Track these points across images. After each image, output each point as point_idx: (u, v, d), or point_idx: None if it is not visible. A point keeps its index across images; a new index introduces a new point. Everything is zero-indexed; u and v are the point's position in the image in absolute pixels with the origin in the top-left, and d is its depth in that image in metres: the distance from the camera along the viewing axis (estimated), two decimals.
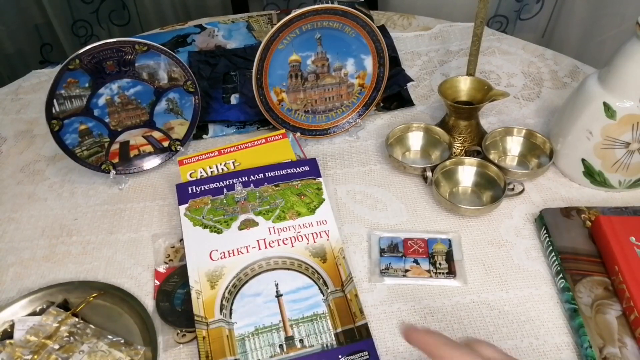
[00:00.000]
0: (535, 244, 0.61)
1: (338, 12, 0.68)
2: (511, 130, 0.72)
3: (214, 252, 0.57)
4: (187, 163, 0.67)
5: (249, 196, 0.60)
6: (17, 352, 0.51)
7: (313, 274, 0.55)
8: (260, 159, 0.68)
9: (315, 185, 0.61)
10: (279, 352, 0.50)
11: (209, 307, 0.53)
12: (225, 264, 0.56)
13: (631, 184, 0.65)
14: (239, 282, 0.55)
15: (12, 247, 0.65)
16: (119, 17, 1.48)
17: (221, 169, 0.67)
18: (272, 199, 0.60)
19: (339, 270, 0.55)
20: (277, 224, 0.59)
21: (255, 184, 0.62)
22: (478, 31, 0.70)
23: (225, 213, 0.59)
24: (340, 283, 0.55)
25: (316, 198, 0.60)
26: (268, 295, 0.54)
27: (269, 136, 0.70)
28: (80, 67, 0.65)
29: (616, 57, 0.59)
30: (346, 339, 0.51)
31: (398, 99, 0.84)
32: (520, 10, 1.27)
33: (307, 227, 0.58)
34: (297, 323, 0.52)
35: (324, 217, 0.59)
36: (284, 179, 0.62)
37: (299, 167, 0.62)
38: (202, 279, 0.55)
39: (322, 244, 0.57)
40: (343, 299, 0.53)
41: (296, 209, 0.59)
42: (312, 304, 0.53)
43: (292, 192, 0.60)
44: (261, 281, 0.55)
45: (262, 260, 0.56)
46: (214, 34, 1.00)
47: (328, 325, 0.51)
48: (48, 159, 0.78)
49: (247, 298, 0.54)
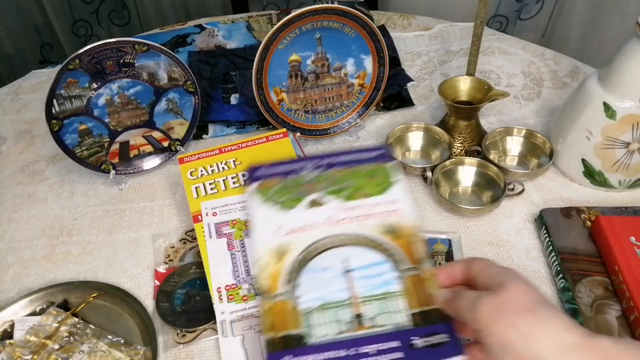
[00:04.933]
0: (535, 244, 0.61)
1: (338, 12, 0.68)
2: (511, 130, 0.72)
3: (281, 228, 0.55)
4: (187, 161, 0.67)
5: (319, 178, 0.59)
6: (17, 352, 0.51)
7: (385, 251, 0.52)
8: (261, 157, 0.68)
9: (388, 168, 0.58)
10: (346, 328, 0.48)
11: (274, 280, 0.52)
12: (292, 240, 0.54)
13: (631, 184, 0.65)
14: (306, 257, 0.53)
15: (12, 247, 0.65)
16: (119, 17, 1.48)
17: (222, 167, 0.67)
18: (341, 180, 0.58)
19: (414, 248, 0.52)
20: (347, 202, 0.56)
21: (325, 167, 0.59)
22: (478, 31, 0.70)
23: (293, 193, 0.59)
24: (416, 261, 0.51)
25: (388, 180, 0.57)
26: (336, 270, 0.51)
27: (269, 135, 0.70)
28: (80, 67, 0.65)
29: (616, 57, 0.59)
30: (423, 320, 0.47)
31: (398, 99, 0.84)
32: (520, 10, 1.27)
33: (379, 205, 0.55)
34: (368, 300, 0.49)
35: (396, 196, 0.56)
36: (355, 162, 0.59)
37: (370, 152, 0.60)
38: (268, 253, 0.54)
39: (396, 222, 0.54)
40: (419, 278, 0.50)
41: (367, 189, 0.57)
42: (384, 281, 0.50)
43: (363, 175, 0.58)
44: (329, 257, 0.52)
45: (331, 237, 0.54)
46: (214, 34, 1.00)
47: (402, 304, 0.48)
48: (48, 159, 0.78)
49: (313, 273, 0.52)
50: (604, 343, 0.36)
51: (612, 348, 0.36)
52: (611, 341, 0.36)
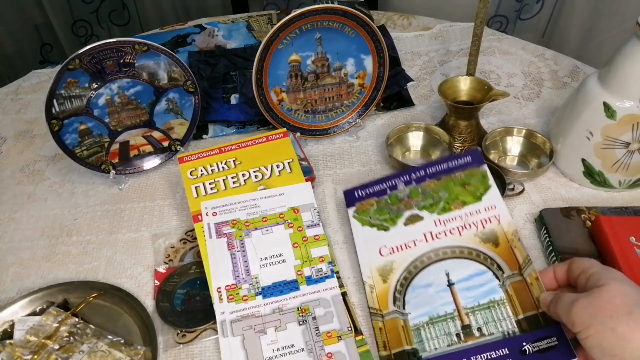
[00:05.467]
0: (535, 244, 0.61)
1: (338, 12, 0.68)
2: (511, 130, 0.72)
3: (383, 248, 0.57)
4: (187, 161, 0.67)
5: (412, 193, 0.60)
6: (17, 352, 0.51)
7: (485, 260, 0.53)
8: (261, 157, 0.68)
9: (480, 173, 0.58)
10: (456, 340, 0.49)
11: (383, 299, 0.54)
12: (394, 259, 0.56)
13: (631, 184, 0.65)
14: (409, 274, 0.55)
15: (12, 247, 0.65)
16: (119, 17, 1.48)
17: (222, 167, 0.67)
18: (435, 193, 0.59)
19: (515, 253, 0.52)
20: (443, 215, 0.57)
21: (417, 181, 0.61)
22: (478, 31, 0.70)
23: (390, 212, 0.59)
24: (518, 266, 0.51)
25: (482, 185, 0.58)
26: (439, 285, 0.53)
27: (270, 134, 0.70)
28: (80, 67, 0.65)
29: (616, 57, 0.59)
30: (530, 325, 0.48)
31: (398, 99, 0.84)
32: (520, 10, 1.28)
33: (474, 214, 0.56)
34: (473, 311, 0.50)
35: (492, 202, 0.56)
36: (445, 172, 0.60)
37: (460, 159, 0.60)
38: (374, 274, 0.56)
39: (493, 229, 0.55)
40: (523, 283, 0.50)
41: (461, 198, 0.58)
42: (488, 291, 0.51)
43: (456, 183, 0.59)
44: (431, 272, 0.54)
45: (431, 252, 0.55)
46: (214, 34, 1.00)
47: (508, 311, 0.49)
48: (48, 159, 0.78)
49: (418, 289, 0.53)
50: None
51: None
52: None
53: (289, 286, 0.57)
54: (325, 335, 0.53)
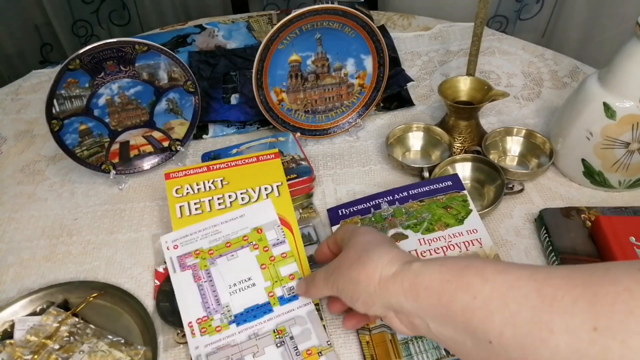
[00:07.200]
0: (535, 243, 0.61)
1: (338, 12, 0.68)
2: (511, 130, 0.72)
3: None
4: (173, 177, 0.64)
5: (396, 212, 0.61)
6: (17, 352, 0.51)
7: None
8: (249, 178, 0.64)
9: (461, 197, 0.61)
10: (445, 354, 0.49)
11: None
12: None
13: (631, 184, 0.65)
14: None
15: (12, 247, 0.65)
16: (119, 17, 1.48)
17: (208, 187, 0.64)
18: (418, 213, 0.60)
19: None
20: (427, 235, 0.58)
21: (400, 201, 0.62)
22: (478, 31, 0.70)
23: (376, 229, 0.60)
24: None
25: (463, 209, 0.60)
26: None
27: (260, 155, 0.67)
28: (80, 67, 0.65)
29: (616, 57, 0.59)
30: None
31: (398, 99, 0.84)
32: (520, 11, 1.27)
33: (457, 236, 0.57)
34: None
35: (473, 226, 0.58)
36: (427, 194, 0.62)
37: (441, 183, 0.63)
38: None
39: (476, 252, 0.56)
40: None
41: (444, 220, 0.59)
42: None
43: (438, 206, 0.60)
44: None
45: None
46: (214, 34, 1.00)
47: None
48: (48, 159, 0.78)
49: None
50: (414, 266, 0.40)
51: (419, 269, 0.39)
52: (420, 263, 0.40)
53: (262, 309, 0.54)
54: (305, 354, 0.51)
